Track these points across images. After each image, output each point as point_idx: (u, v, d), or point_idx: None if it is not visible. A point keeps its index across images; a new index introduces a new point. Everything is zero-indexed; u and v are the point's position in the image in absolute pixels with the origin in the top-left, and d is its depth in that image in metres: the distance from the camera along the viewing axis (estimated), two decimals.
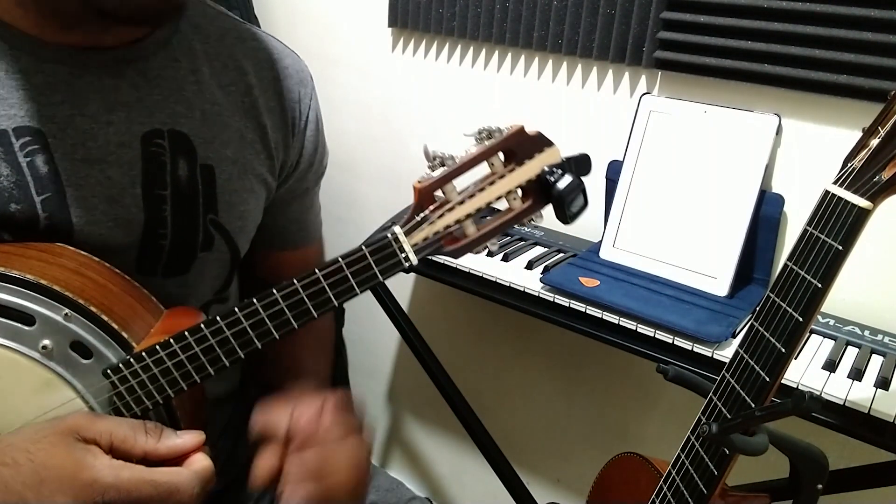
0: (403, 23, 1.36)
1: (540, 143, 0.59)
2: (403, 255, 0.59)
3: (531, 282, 1.04)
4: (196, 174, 0.73)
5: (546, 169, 0.59)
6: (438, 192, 0.59)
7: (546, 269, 1.06)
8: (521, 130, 0.58)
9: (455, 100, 1.37)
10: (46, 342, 0.59)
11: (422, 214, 0.58)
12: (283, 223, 0.89)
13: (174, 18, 0.72)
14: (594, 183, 1.15)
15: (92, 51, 0.68)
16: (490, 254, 1.12)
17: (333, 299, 0.59)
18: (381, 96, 1.48)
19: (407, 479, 1.73)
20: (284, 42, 0.85)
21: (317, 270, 0.59)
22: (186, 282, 0.76)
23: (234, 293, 0.85)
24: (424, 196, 0.58)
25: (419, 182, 0.58)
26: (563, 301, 1.00)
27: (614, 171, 1.12)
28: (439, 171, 0.58)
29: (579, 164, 0.60)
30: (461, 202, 0.58)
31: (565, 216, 0.58)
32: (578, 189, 0.58)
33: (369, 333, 1.61)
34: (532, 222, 0.62)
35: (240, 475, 0.87)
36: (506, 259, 1.11)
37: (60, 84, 0.67)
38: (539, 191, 0.59)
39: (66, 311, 0.60)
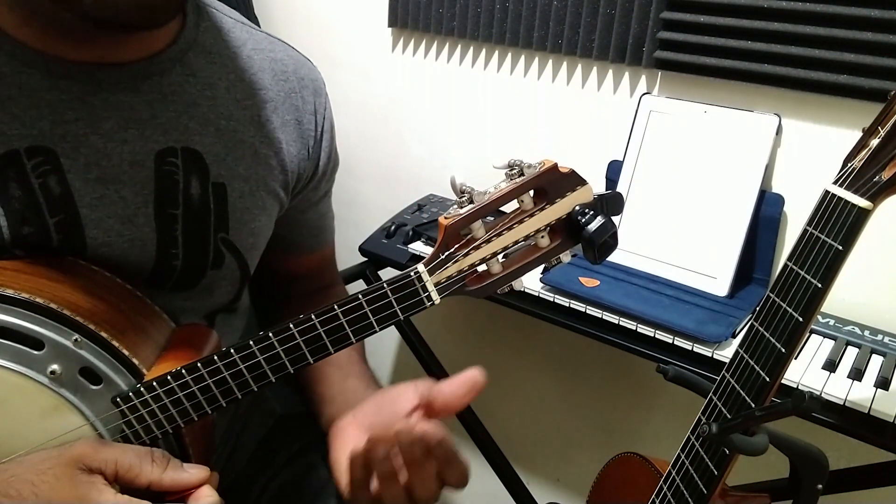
0: (403, 23, 1.36)
1: (572, 181, 0.56)
2: (426, 293, 0.56)
3: (531, 282, 1.04)
4: (208, 192, 0.71)
5: (577, 208, 0.56)
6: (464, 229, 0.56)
7: (546, 269, 1.06)
8: (555, 168, 0.55)
9: (455, 100, 1.37)
10: (55, 367, 0.58)
11: (447, 252, 0.56)
12: (300, 231, 0.87)
13: (171, 15, 0.64)
14: (594, 183, 1.14)
15: (107, 66, 0.65)
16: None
17: (351, 336, 0.57)
18: (381, 96, 1.48)
19: None
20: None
21: (335, 306, 0.56)
22: (192, 296, 0.75)
23: (245, 304, 0.84)
24: (451, 233, 0.55)
25: (446, 218, 0.55)
26: (563, 301, 1.00)
27: (614, 171, 1.12)
28: (467, 209, 0.54)
29: (611, 203, 0.57)
30: (488, 241, 0.56)
31: (594, 257, 0.56)
32: (610, 231, 0.55)
33: None
34: (559, 262, 0.58)
35: (236, 483, 0.86)
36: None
37: (74, 101, 0.64)
38: (568, 230, 0.57)
39: (76, 336, 0.58)
